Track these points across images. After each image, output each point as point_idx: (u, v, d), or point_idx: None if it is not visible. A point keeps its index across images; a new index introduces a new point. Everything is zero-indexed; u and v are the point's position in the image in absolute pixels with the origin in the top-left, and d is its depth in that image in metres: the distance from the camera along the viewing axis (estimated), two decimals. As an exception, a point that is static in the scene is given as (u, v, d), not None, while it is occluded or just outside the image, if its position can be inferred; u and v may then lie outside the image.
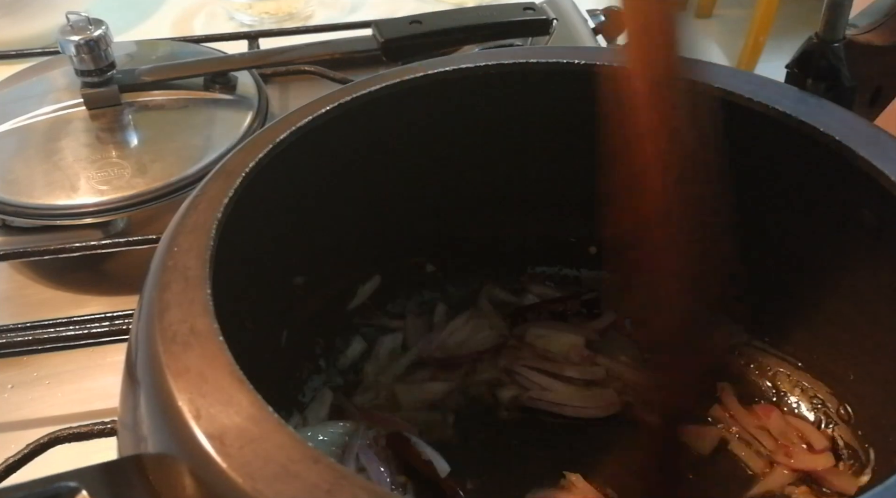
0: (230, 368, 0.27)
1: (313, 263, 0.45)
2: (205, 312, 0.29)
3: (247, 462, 0.24)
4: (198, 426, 0.25)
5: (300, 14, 0.89)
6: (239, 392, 0.26)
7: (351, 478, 0.24)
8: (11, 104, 0.64)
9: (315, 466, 0.24)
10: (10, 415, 0.49)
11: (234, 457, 0.25)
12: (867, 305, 0.40)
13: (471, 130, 0.46)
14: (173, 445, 0.26)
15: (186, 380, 0.27)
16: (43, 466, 0.43)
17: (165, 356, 0.28)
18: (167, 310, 0.29)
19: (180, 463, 0.26)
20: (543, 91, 0.44)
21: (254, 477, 0.24)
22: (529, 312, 0.52)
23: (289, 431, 0.25)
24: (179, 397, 0.26)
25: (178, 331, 0.28)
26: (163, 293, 0.30)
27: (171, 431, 0.26)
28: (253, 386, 0.27)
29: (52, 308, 0.55)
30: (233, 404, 0.26)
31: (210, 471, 0.25)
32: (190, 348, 0.28)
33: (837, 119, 0.38)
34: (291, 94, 0.74)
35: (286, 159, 0.38)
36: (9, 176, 0.58)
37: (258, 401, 0.26)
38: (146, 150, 0.60)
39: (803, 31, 0.44)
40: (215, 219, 0.33)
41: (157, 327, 0.29)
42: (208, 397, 0.26)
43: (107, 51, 0.62)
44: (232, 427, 0.25)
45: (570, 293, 0.52)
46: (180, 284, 0.30)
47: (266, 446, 0.25)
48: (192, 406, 0.26)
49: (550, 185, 0.49)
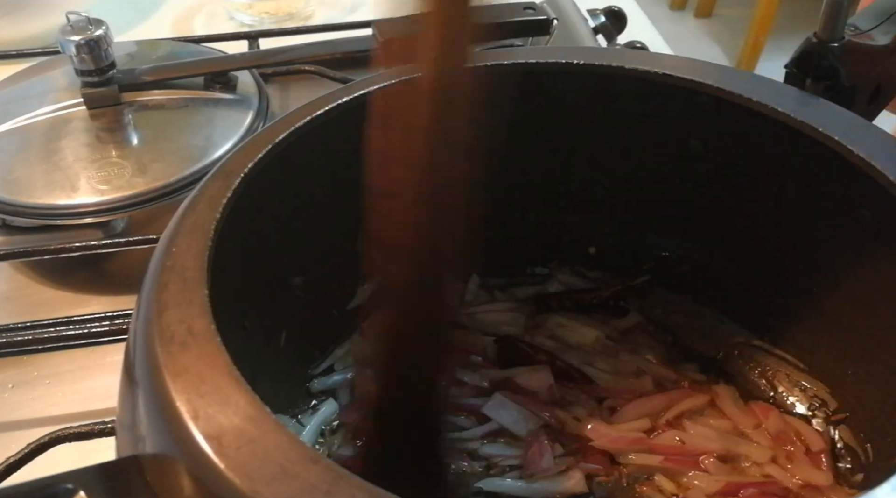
0: (228, 369, 0.27)
1: (312, 264, 0.45)
2: (203, 313, 0.29)
3: (245, 462, 0.24)
4: (196, 427, 0.25)
5: (300, 14, 0.89)
6: (237, 393, 0.26)
7: (349, 478, 0.24)
8: (12, 104, 0.64)
9: (314, 467, 0.24)
10: (10, 414, 0.49)
11: (231, 457, 0.25)
12: (866, 304, 0.40)
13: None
14: (171, 445, 0.26)
15: (184, 380, 0.27)
16: (43, 466, 0.43)
17: (163, 357, 0.28)
18: (165, 310, 0.29)
19: (178, 463, 0.26)
20: (543, 91, 0.44)
21: (252, 477, 0.24)
22: (554, 300, 0.52)
23: (287, 431, 0.25)
24: (177, 398, 0.26)
25: (176, 331, 0.28)
26: (161, 293, 0.30)
27: (168, 431, 0.26)
28: (251, 387, 0.27)
29: (53, 308, 0.56)
30: (230, 405, 0.26)
31: (208, 471, 0.25)
32: (188, 349, 0.28)
33: (837, 119, 0.38)
34: (291, 94, 0.74)
35: (285, 159, 0.38)
36: (9, 176, 0.58)
37: (256, 401, 0.26)
38: (146, 149, 0.60)
39: (803, 31, 0.44)
40: (214, 219, 0.33)
41: (155, 328, 0.29)
42: (206, 398, 0.26)
43: (107, 51, 0.62)
44: (230, 428, 0.25)
45: (596, 286, 0.52)
46: (178, 285, 0.30)
47: (264, 447, 0.25)
48: (189, 407, 0.26)
49: (550, 184, 0.49)
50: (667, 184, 0.47)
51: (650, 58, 0.46)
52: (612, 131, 0.46)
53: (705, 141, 0.44)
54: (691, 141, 0.45)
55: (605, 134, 0.46)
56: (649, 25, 0.84)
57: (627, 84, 0.43)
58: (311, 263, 0.45)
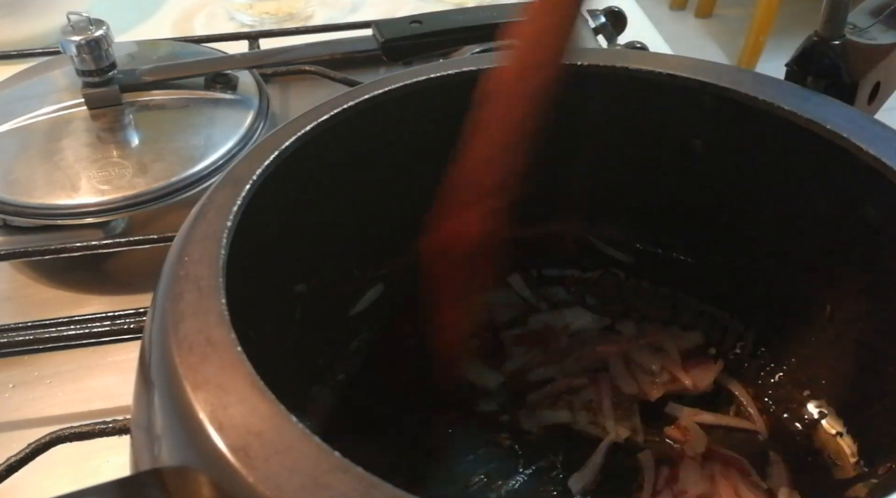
0: (251, 379, 0.26)
1: (316, 270, 0.44)
2: (221, 322, 0.28)
3: (274, 474, 0.24)
4: (221, 439, 0.25)
5: (300, 14, 0.89)
6: (261, 402, 0.26)
7: (382, 487, 0.23)
8: (12, 104, 0.64)
9: (345, 476, 0.24)
10: (11, 414, 0.49)
11: (260, 469, 0.24)
12: (872, 303, 0.40)
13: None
14: (195, 458, 0.26)
15: (206, 391, 0.26)
16: (44, 466, 0.43)
17: (183, 368, 0.27)
18: (182, 321, 0.29)
19: (202, 476, 0.25)
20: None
21: (282, 489, 0.23)
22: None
23: (315, 440, 0.25)
24: (200, 410, 0.26)
25: (195, 342, 0.28)
26: (176, 304, 0.29)
27: (192, 444, 0.26)
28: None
29: (53, 308, 0.55)
30: (255, 415, 0.25)
31: (236, 484, 0.24)
32: (208, 360, 0.27)
33: (842, 116, 0.38)
34: (292, 94, 0.74)
35: (291, 166, 0.38)
36: (10, 176, 0.58)
37: (282, 411, 0.25)
38: (147, 149, 0.60)
39: (803, 30, 0.44)
40: (225, 227, 0.32)
41: (172, 339, 0.28)
42: (230, 409, 0.26)
43: (108, 51, 0.62)
44: (256, 438, 0.25)
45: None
46: (194, 294, 0.30)
47: (293, 457, 0.24)
48: (213, 418, 0.25)
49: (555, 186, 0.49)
50: (670, 184, 0.47)
51: (653, 58, 0.46)
52: (615, 131, 0.46)
53: (709, 140, 0.44)
54: (694, 140, 0.44)
55: (607, 134, 0.46)
56: (649, 26, 0.84)
57: (631, 84, 0.43)
58: (316, 270, 0.44)
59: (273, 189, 0.36)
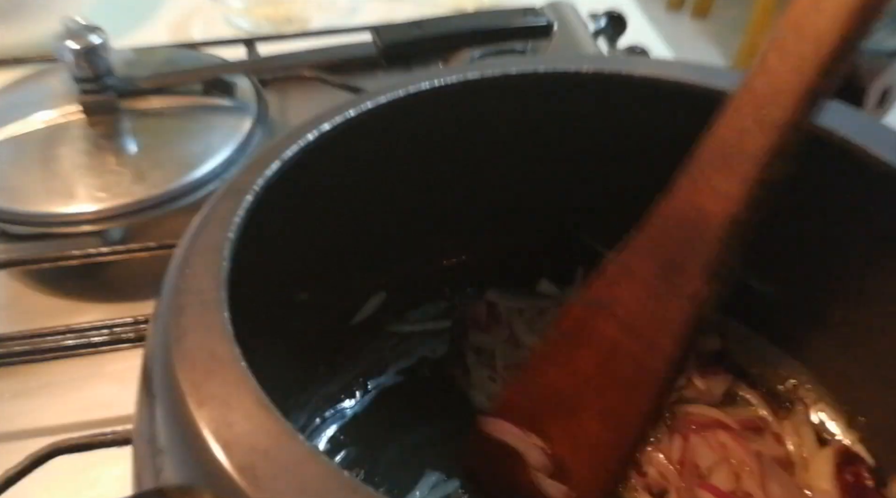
0: (256, 395, 0.26)
1: (317, 279, 0.44)
2: (224, 337, 0.28)
3: (281, 493, 0.23)
4: (226, 457, 0.24)
5: (298, 18, 0.89)
6: (267, 420, 0.25)
7: None
8: (9, 111, 0.64)
9: (354, 496, 0.23)
10: (8, 425, 0.49)
11: (268, 489, 0.24)
12: (884, 309, 0.40)
13: (478, 141, 0.45)
14: (201, 477, 0.25)
15: (211, 408, 0.26)
16: (43, 478, 0.42)
17: (186, 384, 0.27)
18: (184, 335, 0.28)
19: (208, 496, 0.25)
20: (551, 99, 0.44)
21: None
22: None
23: (323, 458, 0.24)
24: (205, 427, 0.25)
25: (198, 358, 0.27)
26: (178, 318, 0.29)
27: (197, 463, 0.25)
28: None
29: (51, 317, 0.55)
30: (261, 433, 0.25)
31: None
32: (212, 375, 0.27)
33: (853, 121, 0.38)
34: (290, 99, 0.74)
35: (292, 175, 0.37)
36: (6, 183, 0.57)
37: (288, 428, 0.25)
38: (145, 157, 0.60)
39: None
40: (227, 239, 0.32)
41: (175, 354, 0.28)
42: (235, 427, 0.25)
43: (105, 58, 0.61)
44: (263, 457, 0.24)
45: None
46: (196, 308, 0.29)
47: (300, 476, 0.24)
48: (218, 436, 0.25)
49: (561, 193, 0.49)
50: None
51: (657, 65, 0.46)
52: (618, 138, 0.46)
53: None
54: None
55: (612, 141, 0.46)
56: (648, 27, 0.84)
57: (636, 91, 0.42)
58: (317, 279, 0.44)
59: (274, 199, 0.36)
